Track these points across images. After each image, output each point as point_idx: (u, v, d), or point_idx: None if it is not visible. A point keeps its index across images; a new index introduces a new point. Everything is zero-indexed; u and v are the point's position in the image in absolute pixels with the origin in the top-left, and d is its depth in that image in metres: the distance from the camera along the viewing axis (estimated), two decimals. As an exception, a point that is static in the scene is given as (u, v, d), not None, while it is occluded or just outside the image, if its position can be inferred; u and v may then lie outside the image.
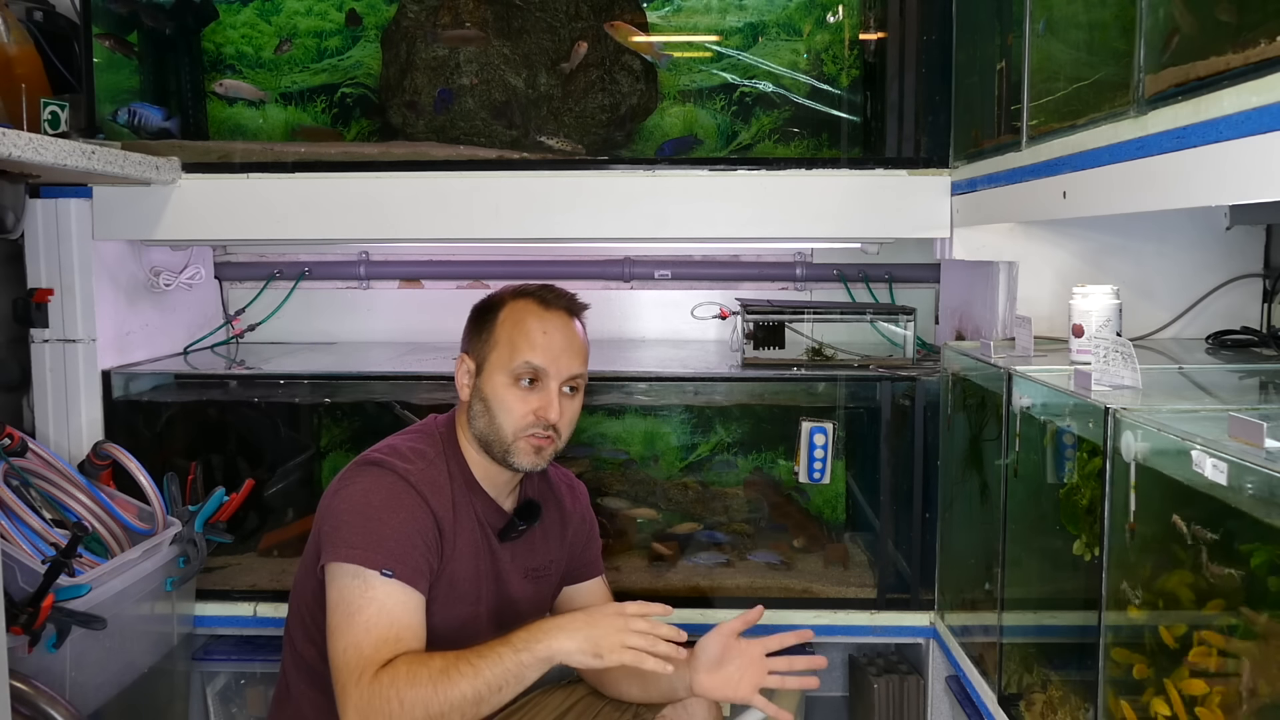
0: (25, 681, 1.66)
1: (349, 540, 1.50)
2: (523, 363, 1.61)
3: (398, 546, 1.50)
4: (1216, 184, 1.15)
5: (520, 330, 1.63)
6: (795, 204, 2.25)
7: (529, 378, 1.61)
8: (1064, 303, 1.81)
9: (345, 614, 1.47)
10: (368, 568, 1.48)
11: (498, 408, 1.62)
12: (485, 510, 1.67)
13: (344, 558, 1.49)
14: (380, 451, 1.63)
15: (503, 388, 1.61)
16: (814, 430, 2.29)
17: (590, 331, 1.73)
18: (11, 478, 1.88)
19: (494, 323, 1.66)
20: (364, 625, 1.45)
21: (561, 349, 1.63)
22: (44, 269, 2.26)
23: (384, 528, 1.51)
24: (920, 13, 2.29)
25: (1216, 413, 1.25)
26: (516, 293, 1.69)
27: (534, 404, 1.61)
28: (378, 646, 1.43)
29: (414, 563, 1.51)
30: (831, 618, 2.27)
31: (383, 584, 1.48)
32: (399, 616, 1.47)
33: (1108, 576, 1.35)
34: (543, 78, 2.57)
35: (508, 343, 1.63)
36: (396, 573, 1.48)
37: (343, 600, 1.48)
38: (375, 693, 1.39)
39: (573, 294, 1.71)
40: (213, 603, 2.29)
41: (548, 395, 1.61)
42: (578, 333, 1.68)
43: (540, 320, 1.64)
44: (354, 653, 1.44)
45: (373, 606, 1.46)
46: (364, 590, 1.47)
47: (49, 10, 2.44)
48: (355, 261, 2.84)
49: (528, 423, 1.61)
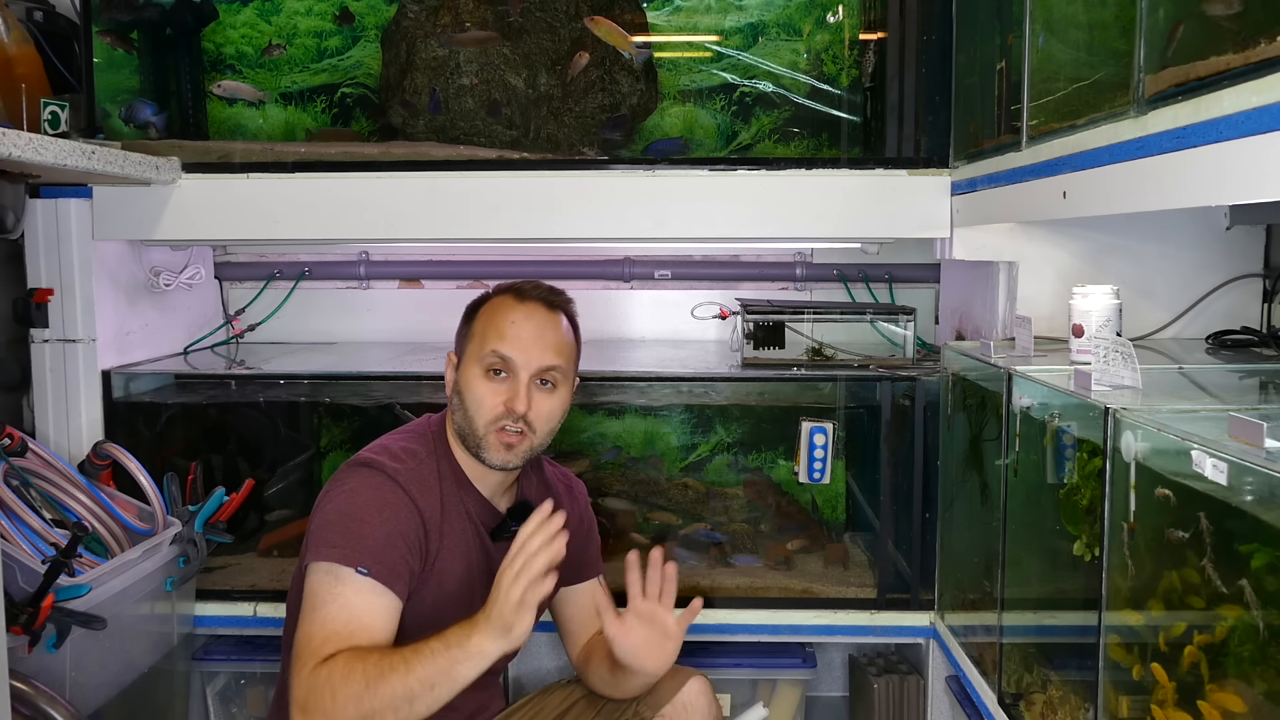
0: (25, 681, 1.66)
1: (330, 540, 1.51)
2: (490, 352, 1.60)
3: (377, 546, 1.51)
4: (1216, 184, 1.15)
5: (492, 322, 1.63)
6: (795, 204, 2.25)
7: (497, 368, 1.61)
8: (1064, 303, 1.81)
9: (310, 607, 1.48)
10: (344, 565, 1.48)
11: (470, 400, 1.62)
12: (478, 509, 1.67)
13: (323, 556, 1.50)
14: (371, 451, 1.63)
15: (474, 379, 1.62)
16: (814, 430, 2.29)
17: (590, 331, 1.72)
18: (11, 478, 1.88)
19: (475, 317, 1.67)
20: (321, 619, 1.46)
21: (532, 339, 1.62)
22: (44, 269, 2.26)
23: (365, 528, 1.52)
24: (920, 13, 2.29)
25: (1216, 413, 1.25)
26: (500, 288, 1.70)
27: (503, 395, 1.60)
28: (326, 639, 1.44)
29: (392, 564, 1.51)
30: (831, 618, 2.27)
31: (354, 581, 1.48)
32: (360, 615, 1.47)
33: (1108, 576, 1.35)
34: (543, 78, 2.57)
35: (480, 335, 1.63)
36: (372, 571, 1.49)
37: (312, 594, 1.49)
38: (313, 685, 1.39)
39: (556, 289, 1.70)
40: (213, 603, 2.29)
41: (516, 385, 1.60)
42: (555, 325, 1.66)
43: (512, 311, 1.64)
44: (304, 644, 1.45)
45: (336, 603, 1.47)
46: (333, 586, 1.48)
47: (49, 10, 2.43)
48: (355, 261, 2.84)
49: (497, 414, 1.60)
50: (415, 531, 1.56)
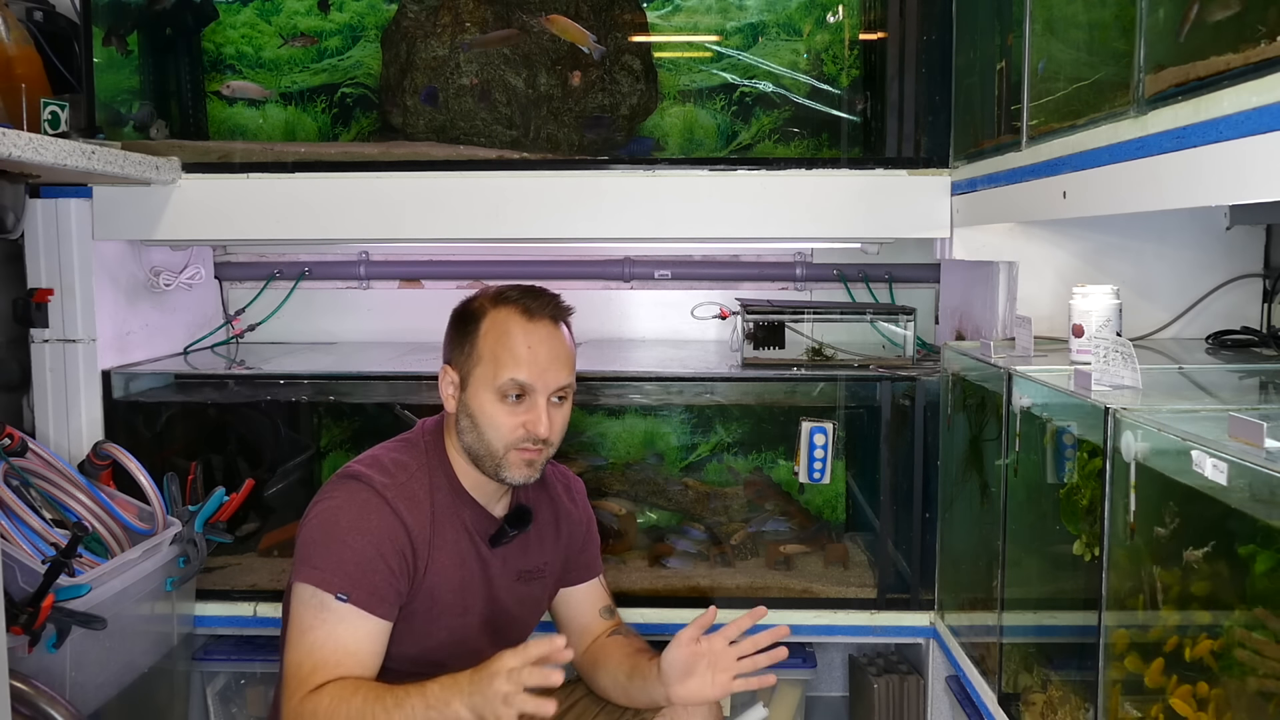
0: (25, 681, 1.66)
1: (312, 560, 1.51)
2: (509, 380, 1.55)
3: (357, 570, 1.50)
4: (1216, 184, 1.15)
5: (504, 345, 1.56)
6: (795, 204, 2.25)
7: (516, 393, 1.56)
8: (1064, 303, 1.81)
9: (298, 631, 1.49)
10: (325, 590, 1.48)
11: (485, 424, 1.58)
12: (474, 519, 1.65)
13: (305, 578, 1.50)
14: (361, 464, 1.61)
15: (489, 404, 1.57)
16: (814, 430, 2.29)
17: (590, 332, 1.72)
18: (11, 478, 1.88)
19: (476, 334, 1.59)
20: (308, 646, 1.47)
21: (548, 362, 1.57)
22: (44, 269, 2.26)
23: (346, 550, 1.51)
24: (920, 13, 2.29)
25: (1216, 413, 1.25)
26: (497, 299, 1.61)
27: (522, 418, 1.57)
28: (315, 669, 1.45)
29: (374, 587, 1.51)
30: (831, 618, 2.27)
31: (337, 608, 1.48)
32: (345, 643, 1.48)
33: (1108, 576, 1.35)
34: (543, 78, 2.57)
35: (492, 358, 1.57)
36: (352, 598, 1.49)
37: (298, 618, 1.50)
38: (300, 716, 1.43)
39: (556, 296, 1.64)
40: (213, 603, 2.29)
41: (536, 410, 1.57)
42: (564, 341, 1.61)
43: (525, 333, 1.57)
44: (293, 671, 1.47)
45: (322, 630, 1.48)
46: (317, 612, 1.49)
47: (49, 10, 2.43)
48: (355, 261, 2.84)
49: (518, 436, 1.57)
50: (400, 551, 1.55)
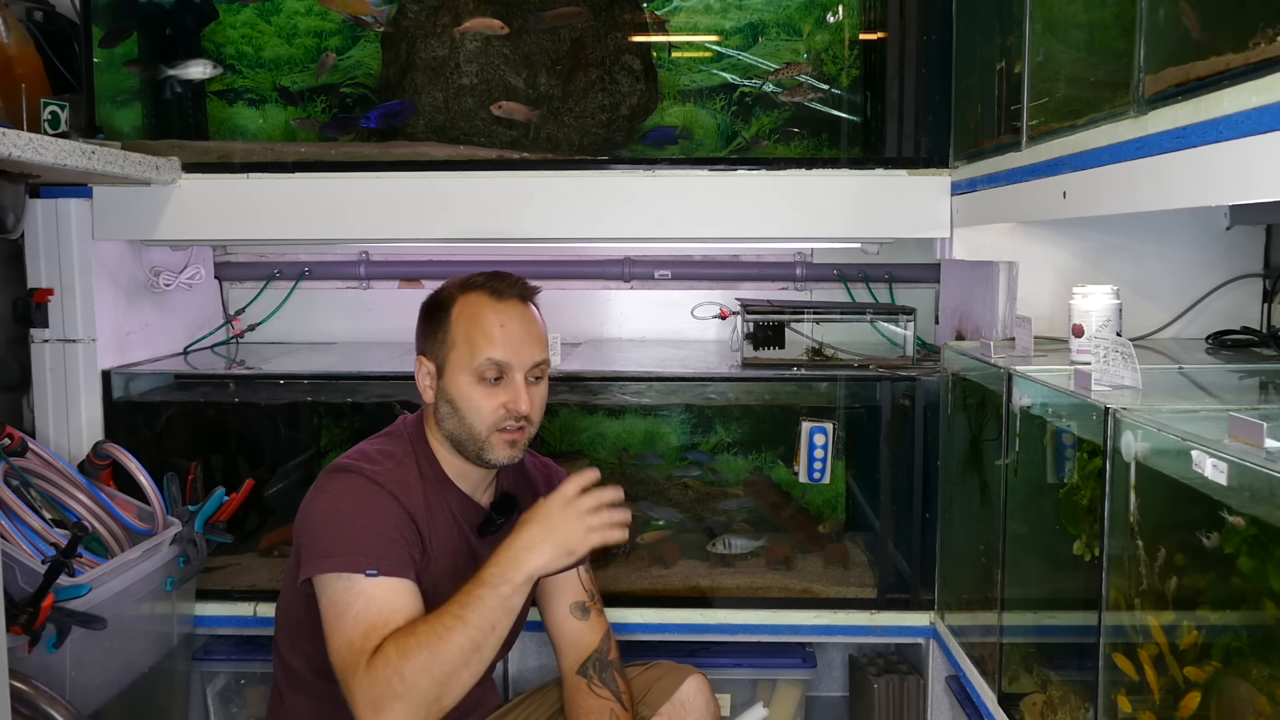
0: (25, 681, 1.66)
1: (327, 550, 1.51)
2: (485, 360, 1.59)
3: (377, 544, 1.51)
4: (1216, 184, 1.15)
5: (477, 327, 1.60)
6: (795, 204, 2.25)
7: (494, 374, 1.59)
8: (1064, 303, 1.81)
9: (336, 615, 1.48)
10: (352, 571, 1.48)
11: (465, 408, 1.60)
12: (461, 508, 1.67)
13: (326, 568, 1.50)
14: (349, 457, 1.63)
15: (468, 387, 1.60)
16: (814, 430, 2.29)
17: (590, 331, 1.73)
18: (11, 478, 1.88)
19: (448, 321, 1.63)
20: (353, 619, 1.46)
21: (521, 339, 1.61)
22: (44, 269, 2.26)
23: (358, 530, 1.51)
24: (920, 13, 2.29)
25: (1216, 413, 1.25)
26: (465, 285, 1.65)
27: (502, 398, 1.59)
28: (366, 635, 1.44)
29: (396, 555, 1.51)
30: (831, 618, 2.27)
31: (369, 584, 1.48)
32: (389, 602, 1.47)
33: (1107, 576, 1.35)
34: (543, 78, 2.57)
35: (466, 341, 1.60)
36: (381, 570, 1.49)
37: (332, 605, 1.49)
38: (374, 680, 1.40)
39: (521, 278, 1.68)
40: (213, 603, 2.29)
41: (515, 388, 1.60)
42: (534, 318, 1.66)
43: (496, 313, 1.61)
44: (346, 649, 1.44)
45: (360, 601, 1.47)
46: (349, 589, 1.48)
47: (49, 10, 2.44)
48: (355, 261, 2.84)
49: (498, 417, 1.59)
50: (407, 524, 1.56)
